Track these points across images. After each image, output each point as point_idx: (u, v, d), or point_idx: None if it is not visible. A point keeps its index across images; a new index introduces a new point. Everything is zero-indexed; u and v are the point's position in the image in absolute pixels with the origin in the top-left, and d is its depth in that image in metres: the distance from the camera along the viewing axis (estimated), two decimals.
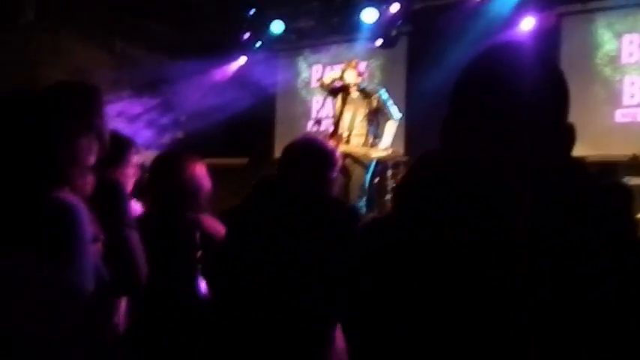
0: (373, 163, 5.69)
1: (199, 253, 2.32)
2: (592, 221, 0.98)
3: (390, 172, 6.60)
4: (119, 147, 2.12)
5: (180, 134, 8.38)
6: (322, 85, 5.98)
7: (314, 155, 2.19)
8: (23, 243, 1.28)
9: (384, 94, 5.71)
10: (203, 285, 2.33)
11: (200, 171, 2.46)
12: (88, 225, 1.40)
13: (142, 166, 2.55)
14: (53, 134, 1.42)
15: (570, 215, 0.97)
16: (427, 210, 1.02)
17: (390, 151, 5.84)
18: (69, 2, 7.10)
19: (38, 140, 1.40)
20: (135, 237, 1.94)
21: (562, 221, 0.97)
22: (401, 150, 7.18)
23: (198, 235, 2.32)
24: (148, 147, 7.04)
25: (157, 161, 2.50)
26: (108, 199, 1.84)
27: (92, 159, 1.61)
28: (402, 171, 6.59)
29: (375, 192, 6.59)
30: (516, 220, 0.95)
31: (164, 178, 2.41)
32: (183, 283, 2.33)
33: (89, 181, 1.57)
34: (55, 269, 1.19)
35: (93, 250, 1.48)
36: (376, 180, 6.52)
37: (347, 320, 1.20)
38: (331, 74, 6.02)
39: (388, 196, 6.57)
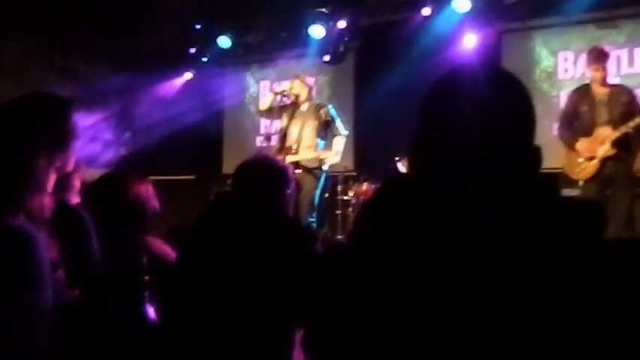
0: (323, 176, 5.63)
1: (147, 278, 2.23)
2: (560, 242, 0.97)
3: (339, 187, 6.61)
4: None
5: (124, 150, 8.17)
6: (274, 93, 5.80)
7: (268, 172, 2.16)
8: None
9: (332, 110, 5.69)
10: (151, 311, 2.23)
11: (146, 191, 2.37)
12: (46, 252, 1.31)
13: (82, 184, 2.45)
14: (9, 156, 1.33)
15: (538, 238, 0.96)
16: (392, 236, 1.00)
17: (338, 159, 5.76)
18: (6, 14, 6.84)
19: None
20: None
21: (532, 245, 0.95)
22: (350, 164, 7.20)
23: (145, 258, 2.24)
24: (90, 163, 6.83)
25: (100, 182, 2.40)
26: (71, 230, 1.74)
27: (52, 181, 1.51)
28: (351, 186, 6.63)
29: (325, 207, 6.58)
30: (486, 242, 0.93)
31: (108, 200, 2.31)
32: (131, 309, 2.24)
33: (47, 205, 1.47)
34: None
35: (54, 278, 1.39)
36: (326, 195, 6.52)
37: (310, 340, 1.16)
38: (282, 86, 5.88)
39: (338, 211, 6.58)
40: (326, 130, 5.61)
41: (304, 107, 5.60)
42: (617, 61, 6.83)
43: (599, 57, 4.77)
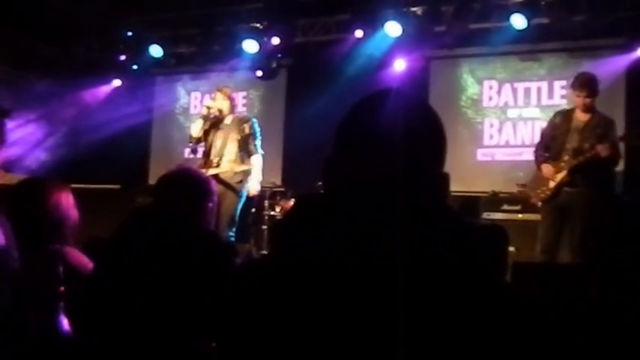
0: (244, 193, 5.55)
1: (62, 288, 2.18)
2: (462, 263, 1.02)
3: (267, 203, 6.63)
4: None
5: (47, 156, 7.90)
6: (202, 117, 5.71)
7: (189, 185, 2.16)
8: None
9: (255, 124, 5.61)
10: (65, 322, 2.18)
11: (66, 200, 2.32)
12: None
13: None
14: None
15: (443, 256, 1.01)
16: (306, 252, 1.03)
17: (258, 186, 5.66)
18: None
19: None
20: None
21: (435, 262, 1.01)
22: (278, 180, 7.24)
23: (61, 268, 2.19)
24: (9, 169, 6.57)
25: (19, 188, 2.33)
26: None
27: None
28: (278, 201, 6.65)
29: (251, 222, 6.57)
30: (392, 261, 0.98)
31: (25, 207, 2.25)
32: (44, 320, 2.18)
33: None
34: None
35: None
36: (253, 210, 6.51)
37: (223, 354, 1.17)
38: (206, 104, 5.76)
39: (264, 226, 6.58)
40: (248, 143, 5.53)
41: (228, 120, 5.52)
42: (538, 93, 7.20)
43: (583, 84, 4.76)
